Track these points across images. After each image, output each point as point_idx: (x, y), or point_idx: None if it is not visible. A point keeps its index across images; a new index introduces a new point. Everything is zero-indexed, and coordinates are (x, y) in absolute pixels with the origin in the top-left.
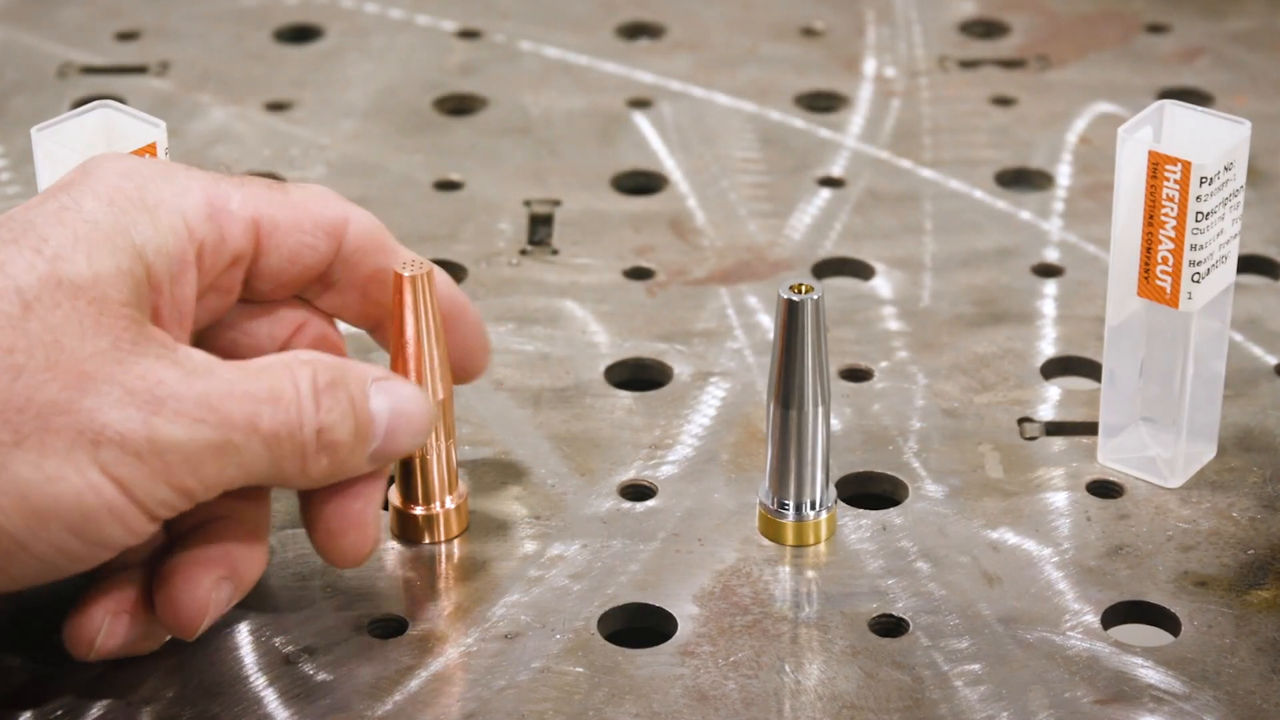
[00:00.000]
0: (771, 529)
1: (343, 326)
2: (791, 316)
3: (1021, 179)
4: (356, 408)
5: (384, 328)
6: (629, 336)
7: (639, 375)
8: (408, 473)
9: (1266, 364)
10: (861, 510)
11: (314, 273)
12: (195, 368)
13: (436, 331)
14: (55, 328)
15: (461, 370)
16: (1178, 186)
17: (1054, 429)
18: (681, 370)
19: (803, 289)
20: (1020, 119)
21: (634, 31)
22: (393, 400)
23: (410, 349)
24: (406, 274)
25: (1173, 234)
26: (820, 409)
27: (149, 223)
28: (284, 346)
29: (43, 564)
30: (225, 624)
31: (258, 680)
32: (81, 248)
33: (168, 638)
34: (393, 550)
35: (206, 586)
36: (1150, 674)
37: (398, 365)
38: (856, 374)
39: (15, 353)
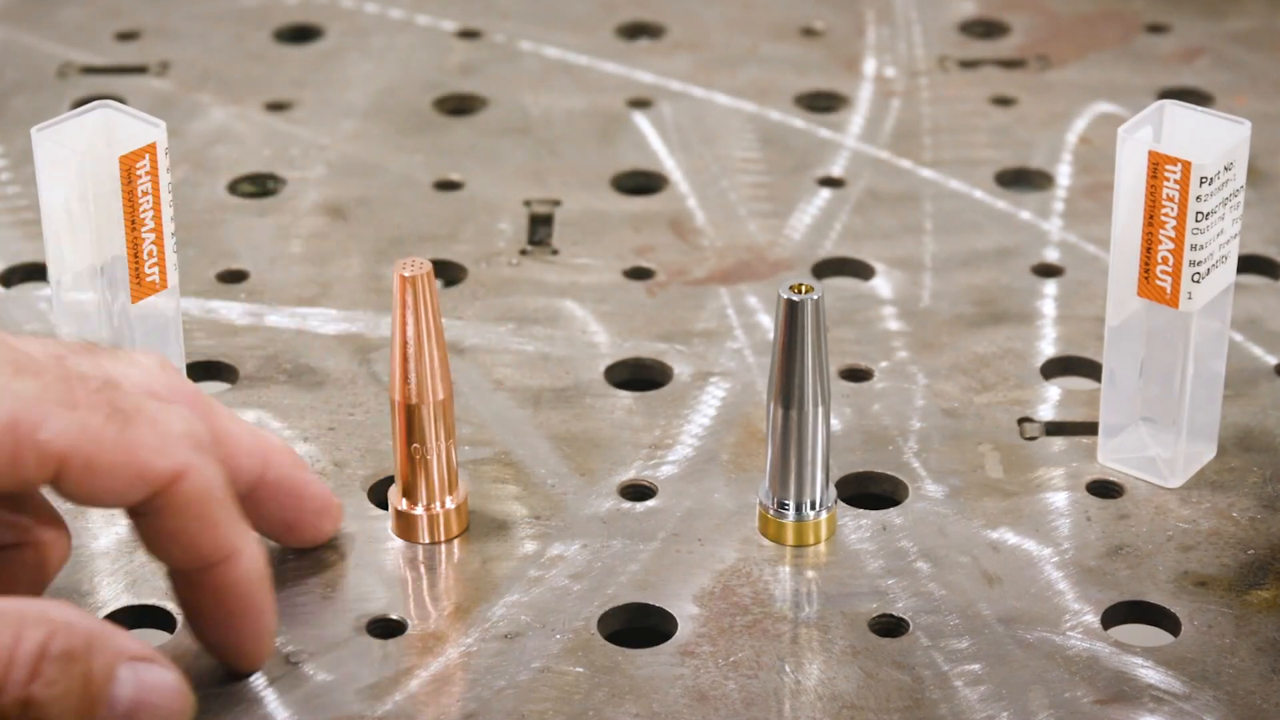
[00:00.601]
0: (771, 529)
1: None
2: (791, 316)
3: (1021, 179)
4: (89, 688)
5: (201, 567)
6: (629, 336)
7: (639, 375)
8: (408, 473)
9: (1266, 364)
10: (861, 510)
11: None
12: None
13: (436, 332)
14: None
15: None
16: (1178, 186)
17: (1054, 429)
18: (681, 370)
19: (803, 289)
20: (1020, 119)
21: (634, 31)
22: (139, 687)
23: (410, 349)
24: (406, 274)
25: (1173, 234)
26: (820, 409)
27: None
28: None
29: None
30: None
31: (258, 680)
32: None
33: None
34: (393, 550)
35: None
36: (1150, 674)
37: (397, 367)
38: (856, 374)
39: None
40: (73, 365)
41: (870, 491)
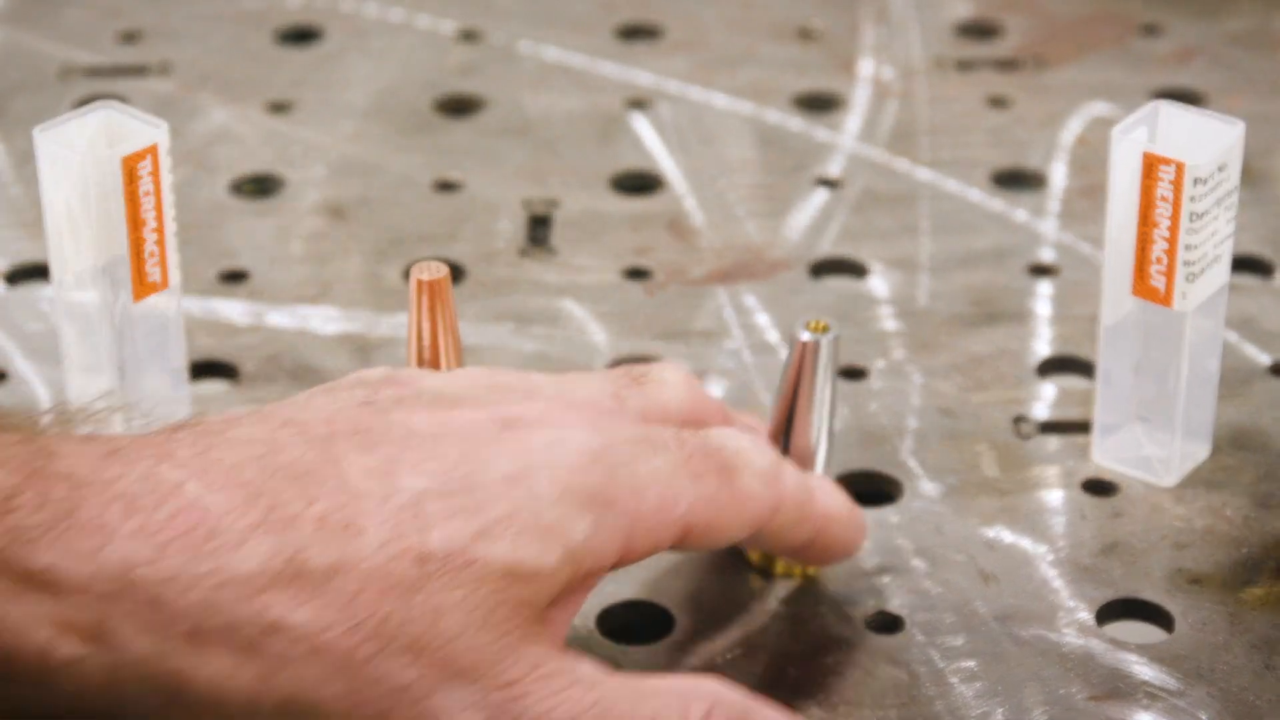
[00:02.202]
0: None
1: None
2: (805, 356)
3: (1017, 179)
4: None
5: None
6: (628, 336)
7: None
8: None
9: (1261, 364)
10: (858, 508)
11: None
12: (573, 680)
13: (454, 336)
14: (440, 608)
15: None
16: (1172, 187)
17: (1049, 428)
18: None
19: (819, 327)
20: (1016, 120)
21: (633, 32)
22: None
23: (427, 355)
24: (424, 278)
25: (1167, 234)
26: (825, 445)
27: (596, 522)
28: None
29: None
30: None
31: None
32: (513, 529)
33: None
34: None
35: None
36: (1144, 671)
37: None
38: (854, 373)
39: (389, 622)
40: (670, 429)
41: (867, 490)
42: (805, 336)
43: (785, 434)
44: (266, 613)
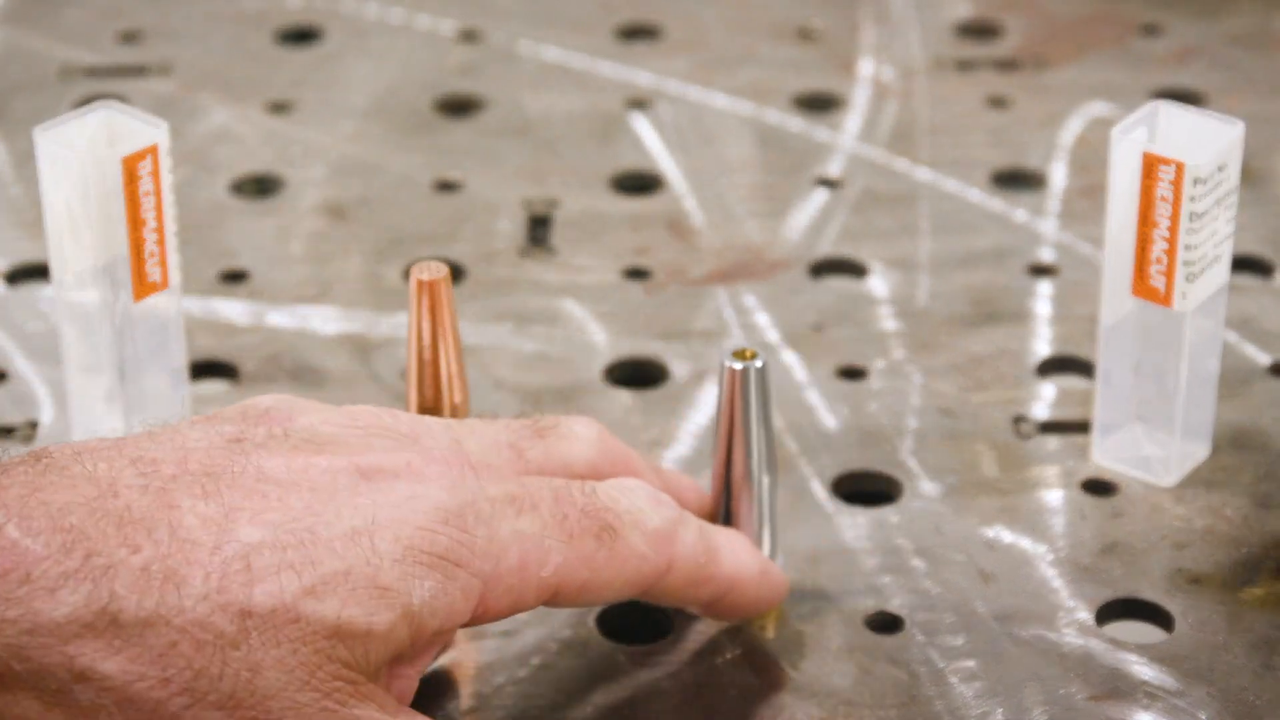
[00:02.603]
0: None
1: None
2: (735, 385)
3: (1017, 179)
4: None
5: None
6: (628, 336)
7: (637, 374)
8: None
9: (1260, 364)
10: (857, 508)
11: None
12: None
13: (454, 336)
14: (259, 665)
15: None
16: (1171, 187)
17: (1049, 428)
18: (679, 369)
19: (747, 355)
20: (1016, 120)
21: (632, 32)
22: None
23: (426, 354)
24: (424, 278)
25: (1166, 234)
26: (767, 478)
27: (441, 582)
28: None
29: None
30: None
31: None
32: (345, 587)
33: None
34: None
35: None
36: (1144, 670)
37: (413, 372)
38: (853, 373)
39: (202, 677)
40: (552, 485)
41: (866, 489)
42: (733, 365)
43: (726, 465)
44: (75, 661)
